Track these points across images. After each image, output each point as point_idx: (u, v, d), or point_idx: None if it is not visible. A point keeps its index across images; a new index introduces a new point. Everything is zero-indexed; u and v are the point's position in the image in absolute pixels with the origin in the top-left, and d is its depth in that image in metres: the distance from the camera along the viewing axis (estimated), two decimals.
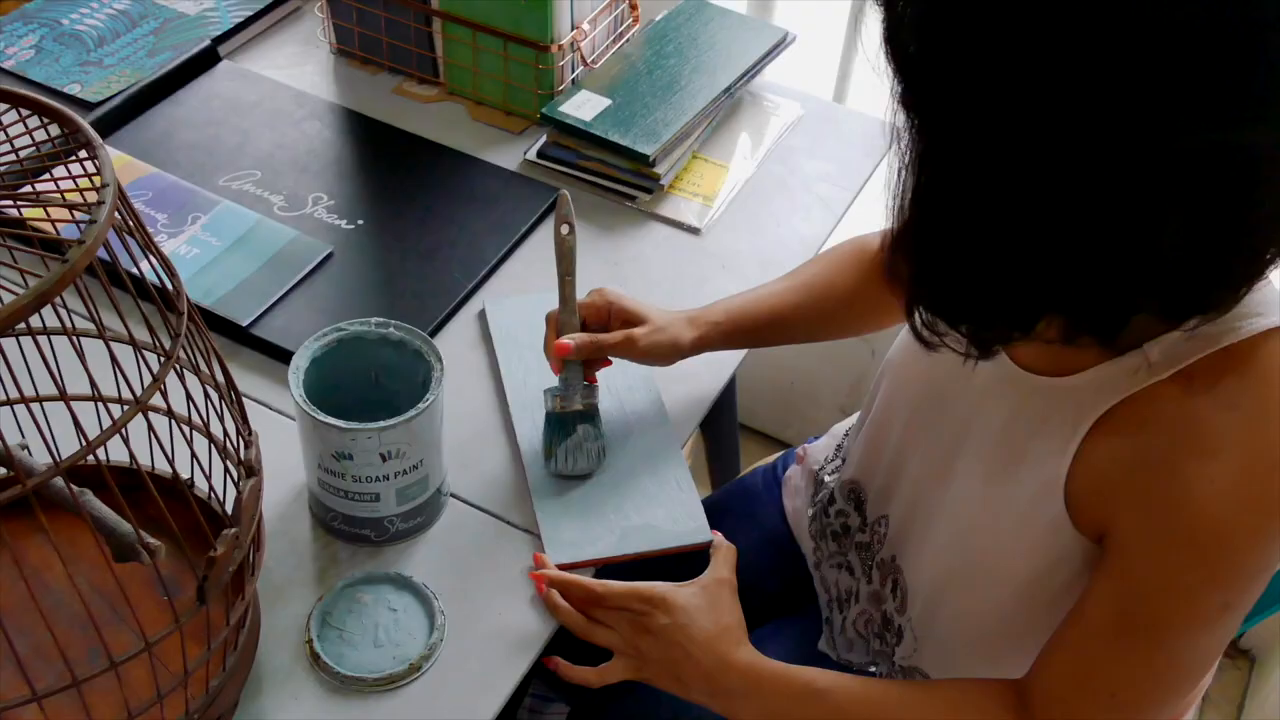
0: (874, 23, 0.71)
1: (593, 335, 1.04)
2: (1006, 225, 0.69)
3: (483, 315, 1.18)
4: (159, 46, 1.45)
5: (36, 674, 0.82)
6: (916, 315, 0.77)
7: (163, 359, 0.70)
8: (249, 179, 1.29)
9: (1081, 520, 0.84)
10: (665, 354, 1.06)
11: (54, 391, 0.67)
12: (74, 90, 1.38)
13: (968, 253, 0.72)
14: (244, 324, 1.13)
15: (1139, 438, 0.79)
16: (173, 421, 0.78)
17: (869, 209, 1.78)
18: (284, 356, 1.12)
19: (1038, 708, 0.86)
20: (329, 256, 1.21)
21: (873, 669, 1.09)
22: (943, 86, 0.68)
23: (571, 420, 1.04)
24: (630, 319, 1.06)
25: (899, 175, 0.73)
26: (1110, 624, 0.81)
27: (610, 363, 1.08)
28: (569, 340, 1.03)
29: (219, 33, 1.46)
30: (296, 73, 1.47)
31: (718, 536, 1.02)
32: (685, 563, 1.00)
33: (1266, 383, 0.75)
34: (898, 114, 0.72)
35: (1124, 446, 0.80)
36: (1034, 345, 0.83)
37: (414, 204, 1.28)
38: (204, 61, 1.43)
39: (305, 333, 1.05)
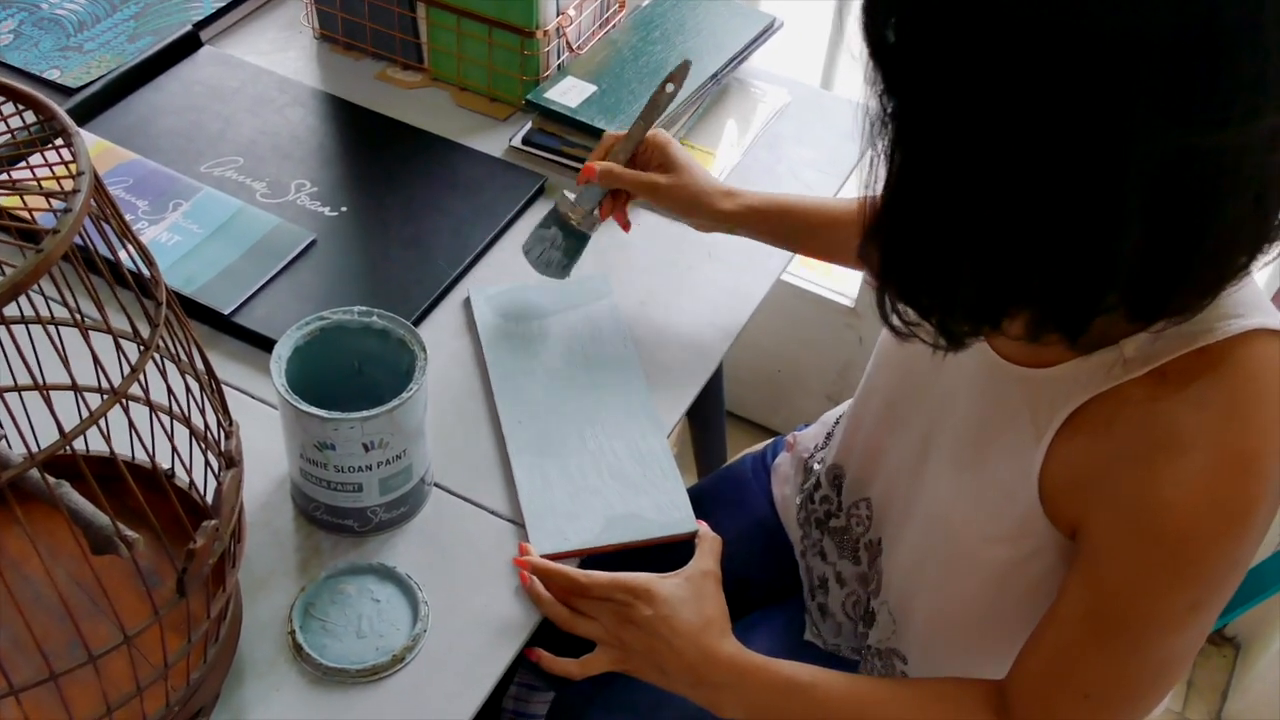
0: (855, 9, 0.70)
1: (616, 166, 1.12)
2: (972, 217, 0.68)
3: (467, 304, 1.17)
4: (140, 31, 1.43)
5: (14, 667, 0.81)
6: (886, 303, 0.77)
7: (141, 348, 0.69)
8: (231, 165, 1.28)
9: (1054, 514, 0.84)
10: (686, 209, 1.14)
11: (30, 382, 0.66)
12: (53, 76, 1.36)
13: (935, 243, 0.71)
14: (225, 312, 1.12)
15: (1111, 434, 0.78)
16: (152, 412, 0.77)
17: (856, 196, 1.78)
18: (266, 345, 1.11)
19: (1018, 706, 0.86)
20: (312, 244, 1.20)
21: (858, 655, 1.09)
22: (915, 76, 0.67)
23: (564, 231, 1.14)
24: (665, 164, 1.13)
25: (872, 164, 0.73)
26: (1082, 622, 0.81)
27: (628, 228, 1.18)
28: (596, 165, 1.12)
29: (201, 17, 1.45)
30: (279, 58, 1.45)
31: (703, 527, 1.01)
32: (670, 553, 1.00)
33: (1239, 383, 0.75)
34: (872, 101, 0.71)
35: (1096, 442, 0.79)
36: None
37: (398, 191, 1.27)
38: (185, 46, 1.42)
39: (288, 321, 1.04)
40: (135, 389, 0.69)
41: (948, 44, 0.65)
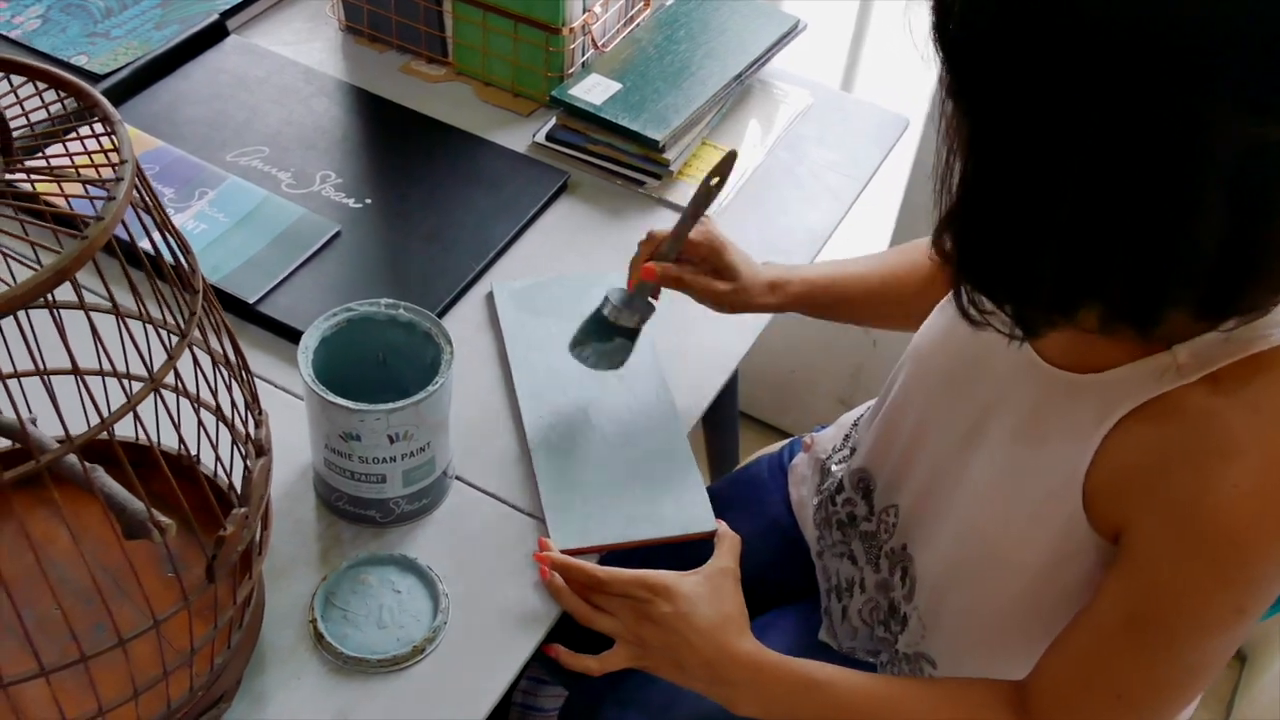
0: (919, 9, 0.71)
1: (680, 270, 1.07)
2: (1051, 210, 0.69)
3: (490, 298, 1.18)
4: (166, 19, 1.44)
5: (39, 648, 0.81)
6: (963, 293, 0.77)
7: (177, 337, 0.70)
8: (257, 155, 1.29)
9: (1097, 518, 0.84)
10: (735, 311, 1.11)
11: (64, 366, 0.67)
12: (81, 61, 1.37)
13: (1013, 236, 0.72)
14: (250, 301, 1.12)
15: (1161, 438, 0.79)
16: (179, 399, 0.78)
17: (877, 199, 1.78)
18: (289, 334, 1.12)
19: (1039, 707, 0.86)
20: (336, 235, 1.20)
21: (873, 658, 1.10)
22: (991, 73, 0.68)
23: (615, 331, 1.07)
24: (722, 270, 1.08)
25: (945, 159, 0.74)
26: (1121, 623, 0.81)
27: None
28: (656, 266, 1.06)
29: (227, 6, 1.46)
30: (304, 49, 1.46)
31: (722, 526, 1.02)
32: (689, 551, 1.00)
33: None
34: (945, 100, 0.72)
35: (1146, 446, 0.80)
36: (1062, 339, 0.83)
37: (421, 184, 1.28)
38: (212, 35, 1.42)
39: (312, 311, 1.05)
40: (169, 377, 0.69)
41: (1026, 41, 0.66)
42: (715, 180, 1.06)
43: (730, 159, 1.07)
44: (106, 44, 1.39)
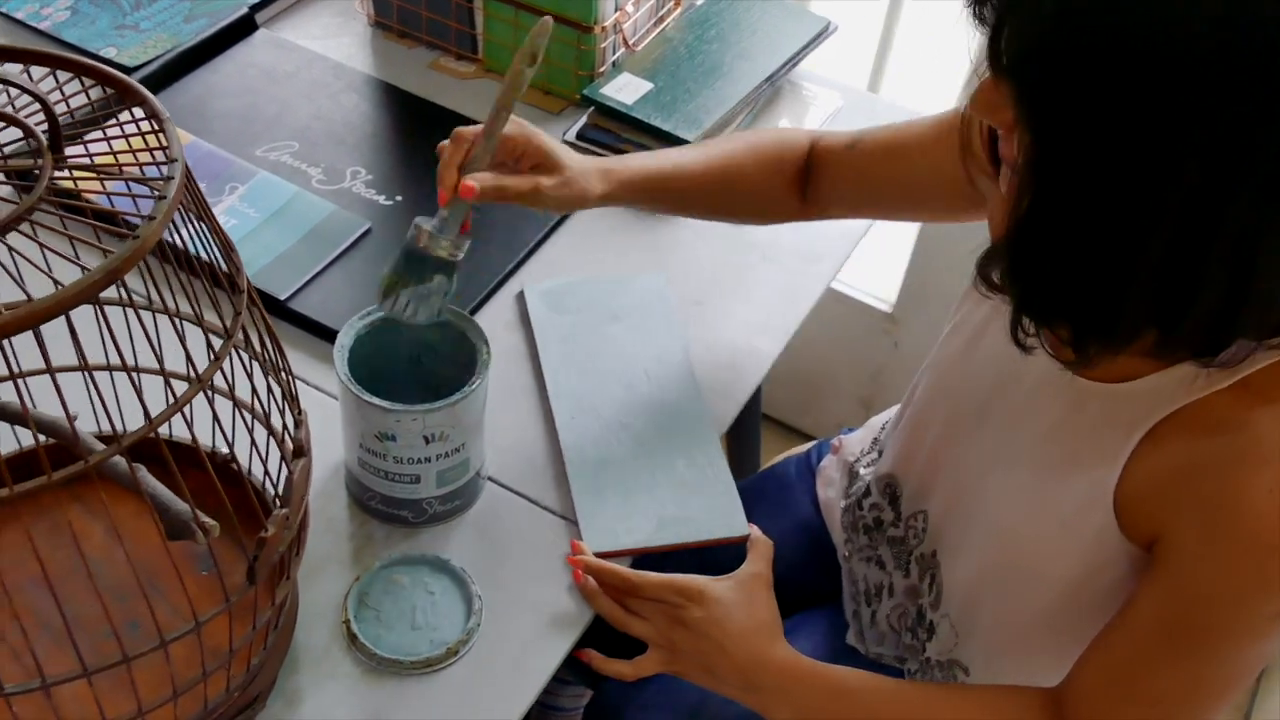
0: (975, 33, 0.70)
1: (499, 179, 0.93)
2: (1137, 241, 0.68)
3: (520, 298, 1.17)
4: (195, 12, 1.43)
5: (68, 648, 0.81)
6: (1020, 327, 0.76)
7: (223, 338, 0.69)
8: (287, 150, 1.28)
9: (1130, 527, 0.83)
10: (569, 207, 1.00)
11: (101, 363, 0.66)
12: (110, 54, 1.36)
13: (1090, 268, 0.71)
14: (282, 298, 1.12)
15: (1194, 445, 0.78)
16: (219, 399, 0.77)
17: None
18: (320, 331, 1.11)
19: (1075, 714, 0.85)
20: (367, 232, 1.20)
21: (900, 664, 1.09)
22: (1052, 105, 0.67)
23: (430, 265, 0.91)
24: (544, 164, 0.97)
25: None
26: (1158, 629, 0.81)
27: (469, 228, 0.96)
28: (474, 181, 0.91)
29: (256, 0, 1.45)
30: (332, 44, 1.45)
31: (755, 531, 1.01)
32: (721, 556, 1.00)
33: None
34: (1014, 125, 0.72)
35: (1178, 454, 0.79)
36: None
37: None
38: (241, 29, 1.42)
39: (342, 308, 1.04)
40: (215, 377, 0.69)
41: (1087, 71, 0.65)
42: (529, 63, 0.91)
43: (543, 30, 0.90)
44: (136, 36, 1.39)
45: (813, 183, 1.10)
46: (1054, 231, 0.71)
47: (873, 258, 1.79)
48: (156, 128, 0.67)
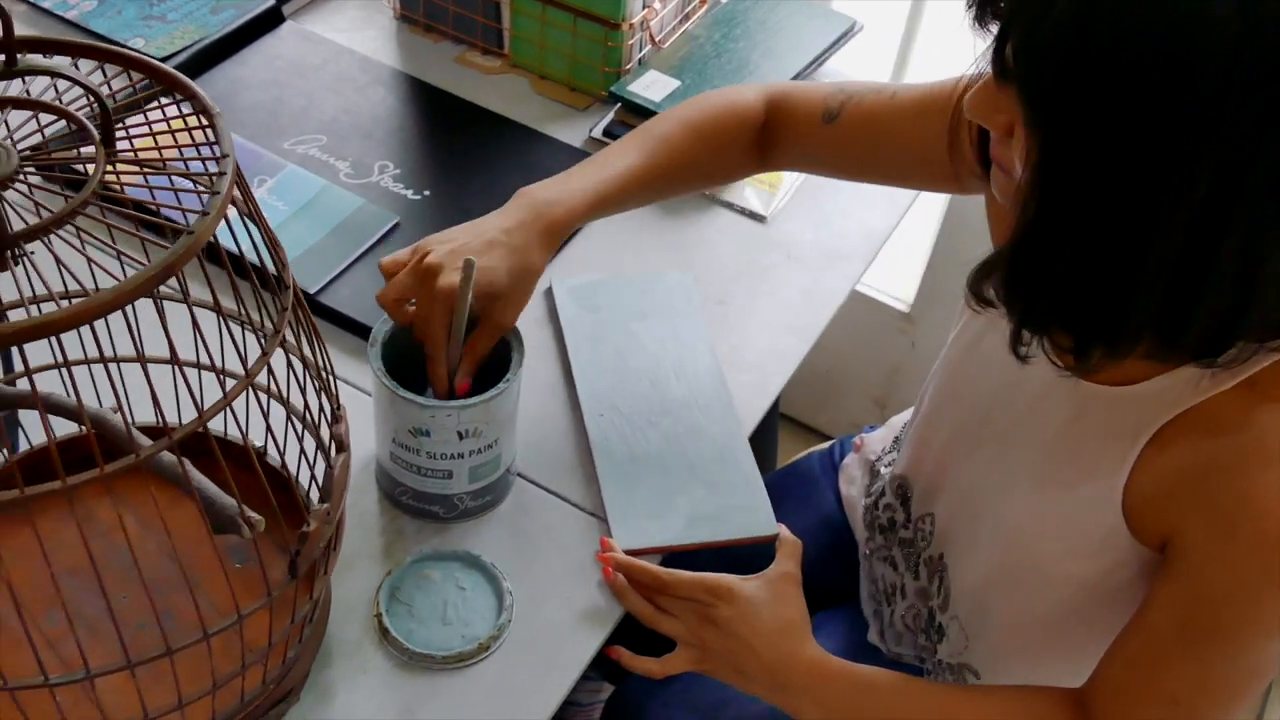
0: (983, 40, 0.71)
1: (474, 359, 0.95)
2: (1148, 247, 0.68)
3: (549, 295, 1.18)
4: (222, 4, 1.43)
5: (102, 639, 0.82)
6: (1020, 336, 0.77)
7: (268, 335, 0.70)
8: (314, 144, 1.28)
9: (1140, 529, 0.84)
10: (528, 290, 0.97)
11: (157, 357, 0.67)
12: (138, 45, 1.36)
13: (1097, 277, 0.71)
14: (312, 292, 1.12)
15: (1201, 446, 0.79)
16: (266, 395, 0.78)
17: (932, 202, 1.78)
18: (348, 325, 1.11)
19: (1097, 713, 0.86)
20: (395, 226, 1.20)
21: (921, 665, 1.09)
22: (1061, 110, 0.67)
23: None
24: (494, 299, 0.94)
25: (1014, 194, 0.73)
26: (1174, 629, 0.81)
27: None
28: (465, 379, 0.94)
29: None
30: (358, 36, 1.45)
31: (783, 530, 1.01)
32: (750, 554, 1.00)
33: None
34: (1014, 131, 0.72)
35: (1186, 455, 0.80)
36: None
37: (479, 177, 1.27)
38: (268, 21, 1.42)
39: (371, 303, 1.04)
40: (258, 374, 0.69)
41: (1101, 76, 0.65)
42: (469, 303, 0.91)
43: (469, 276, 0.89)
44: (163, 27, 1.39)
45: (779, 146, 1.06)
46: (1061, 237, 0.71)
47: (891, 257, 1.79)
48: (205, 123, 0.68)
